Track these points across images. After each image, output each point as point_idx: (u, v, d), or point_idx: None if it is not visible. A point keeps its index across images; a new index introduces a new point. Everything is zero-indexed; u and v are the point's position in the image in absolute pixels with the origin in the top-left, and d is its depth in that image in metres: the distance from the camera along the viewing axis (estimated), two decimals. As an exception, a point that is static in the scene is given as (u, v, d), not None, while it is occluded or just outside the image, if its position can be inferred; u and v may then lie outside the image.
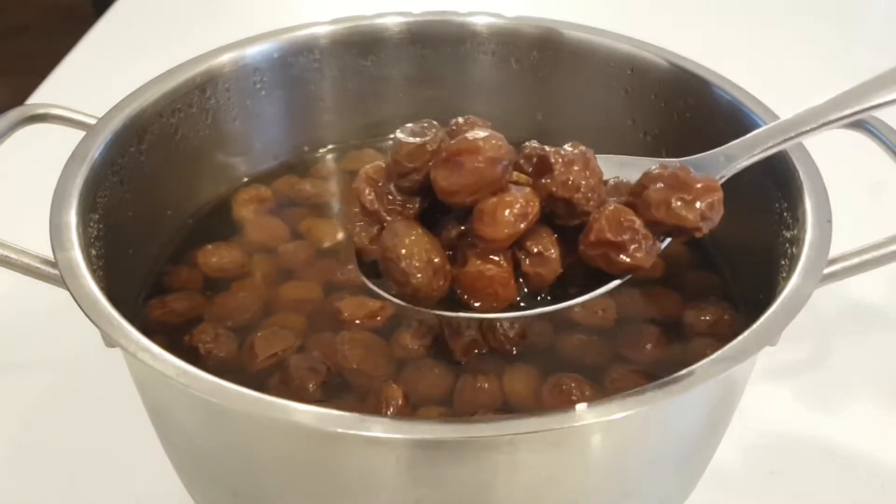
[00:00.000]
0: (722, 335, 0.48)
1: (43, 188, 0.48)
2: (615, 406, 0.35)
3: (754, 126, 0.53)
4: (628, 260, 0.37)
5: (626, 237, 0.37)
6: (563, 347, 0.50)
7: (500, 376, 0.48)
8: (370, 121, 0.67)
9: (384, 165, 0.39)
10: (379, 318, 0.50)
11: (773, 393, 0.59)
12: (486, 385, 0.47)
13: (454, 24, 0.64)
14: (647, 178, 0.39)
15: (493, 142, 0.35)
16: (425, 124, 0.38)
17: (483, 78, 0.66)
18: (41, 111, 0.53)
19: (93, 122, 0.53)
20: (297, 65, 0.63)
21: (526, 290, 0.39)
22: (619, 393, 0.36)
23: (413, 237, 0.37)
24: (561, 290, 0.39)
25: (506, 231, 0.36)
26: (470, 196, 0.36)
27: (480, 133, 0.36)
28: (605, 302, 0.50)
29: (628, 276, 0.39)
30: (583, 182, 0.37)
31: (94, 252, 0.47)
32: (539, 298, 0.39)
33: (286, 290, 0.55)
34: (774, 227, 0.49)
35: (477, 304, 0.38)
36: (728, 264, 0.56)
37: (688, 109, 0.59)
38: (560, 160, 0.37)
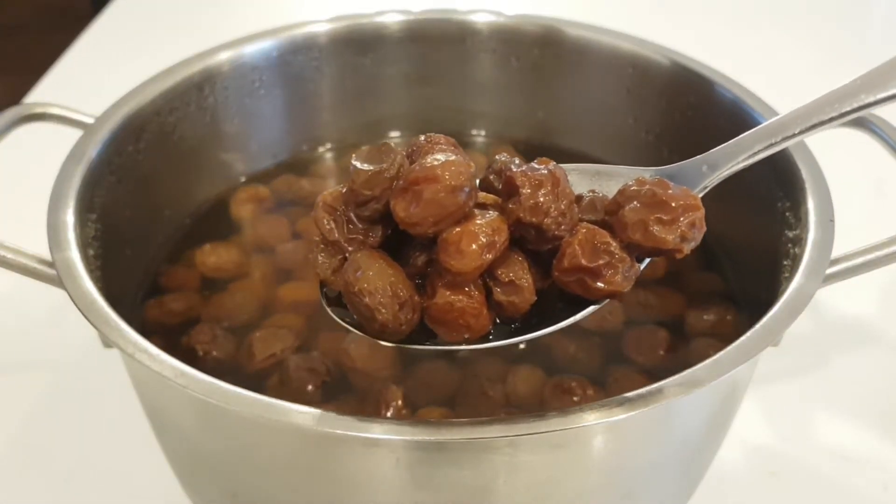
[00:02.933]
0: (724, 336, 0.48)
1: (40, 188, 0.48)
2: (617, 407, 0.35)
3: (756, 124, 0.53)
4: (605, 286, 0.35)
5: (601, 262, 0.34)
6: (566, 348, 0.49)
7: (504, 377, 0.47)
8: (369, 119, 0.67)
9: (343, 191, 0.37)
10: None
11: (775, 394, 0.59)
12: (490, 385, 0.47)
13: (454, 23, 0.64)
14: (622, 196, 0.36)
15: (453, 168, 0.33)
16: (383, 148, 0.36)
17: (483, 76, 0.66)
18: (38, 110, 0.53)
19: (90, 121, 0.52)
20: (295, 63, 0.62)
21: (499, 319, 0.36)
22: (621, 394, 0.35)
23: (376, 270, 0.34)
24: (538, 314, 0.37)
25: (472, 264, 0.33)
26: (432, 227, 0.34)
27: (440, 158, 0.34)
28: (611, 304, 0.49)
29: (606, 301, 0.37)
30: (552, 206, 0.34)
31: (91, 252, 0.46)
32: (513, 327, 0.37)
33: (285, 290, 0.54)
34: (777, 226, 0.49)
35: (449, 336, 0.36)
36: (730, 264, 0.56)
37: (690, 108, 0.58)
38: (527, 182, 0.34)
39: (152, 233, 0.57)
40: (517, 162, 0.37)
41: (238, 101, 0.61)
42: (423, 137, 0.38)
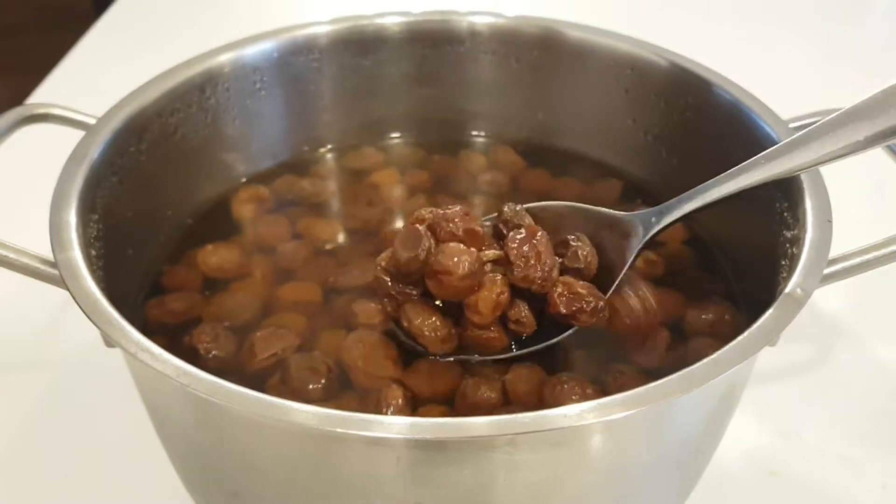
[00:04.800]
0: (722, 335, 0.48)
1: (42, 188, 0.48)
2: (615, 406, 0.35)
3: (755, 125, 0.53)
4: (581, 324, 0.47)
5: (575, 308, 0.46)
6: (565, 347, 0.50)
7: (503, 376, 0.48)
8: (370, 120, 0.67)
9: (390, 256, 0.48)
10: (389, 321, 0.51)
11: (773, 393, 0.59)
12: (489, 384, 0.47)
13: (454, 24, 0.64)
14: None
15: (462, 264, 0.45)
16: (413, 233, 0.46)
17: (483, 77, 0.66)
18: (41, 111, 0.53)
19: (92, 121, 0.53)
20: (296, 64, 0.63)
21: (513, 340, 0.48)
22: (619, 393, 0.36)
23: (422, 317, 0.47)
24: (541, 330, 0.48)
25: (489, 318, 0.46)
26: (455, 298, 0.46)
27: (450, 253, 0.45)
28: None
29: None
30: (538, 274, 0.46)
31: (93, 252, 0.46)
32: (524, 338, 0.48)
33: (285, 290, 0.55)
34: (775, 226, 0.49)
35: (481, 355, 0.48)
36: (729, 264, 0.56)
37: (688, 109, 0.59)
38: (519, 258, 0.46)
39: (154, 233, 0.57)
40: (519, 227, 0.48)
41: (239, 102, 0.61)
42: (441, 211, 0.47)
